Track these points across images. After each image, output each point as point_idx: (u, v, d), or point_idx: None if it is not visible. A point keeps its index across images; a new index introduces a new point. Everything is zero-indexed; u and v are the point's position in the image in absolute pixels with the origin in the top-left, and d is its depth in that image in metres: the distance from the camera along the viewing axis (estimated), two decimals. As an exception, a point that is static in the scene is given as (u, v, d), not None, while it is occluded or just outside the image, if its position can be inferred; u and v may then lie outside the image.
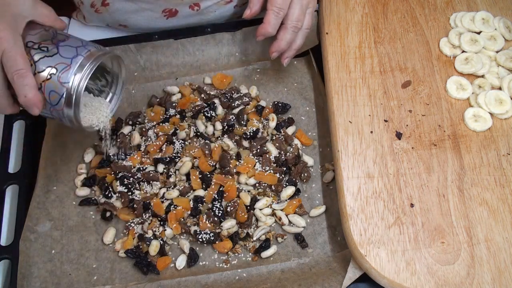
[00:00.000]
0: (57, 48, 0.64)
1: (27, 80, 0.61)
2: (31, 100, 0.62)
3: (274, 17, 0.75)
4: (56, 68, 0.63)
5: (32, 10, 0.64)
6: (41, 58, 0.63)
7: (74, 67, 0.63)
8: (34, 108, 0.63)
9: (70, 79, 0.63)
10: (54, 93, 0.63)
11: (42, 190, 0.79)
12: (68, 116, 0.65)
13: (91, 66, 0.64)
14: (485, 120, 0.75)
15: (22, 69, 0.61)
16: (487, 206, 0.69)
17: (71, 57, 0.64)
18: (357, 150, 0.73)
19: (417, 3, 0.88)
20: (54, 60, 0.63)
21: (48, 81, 0.63)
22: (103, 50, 0.67)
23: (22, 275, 0.72)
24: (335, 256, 0.72)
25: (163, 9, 0.90)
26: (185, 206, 0.76)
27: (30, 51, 0.63)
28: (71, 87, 0.63)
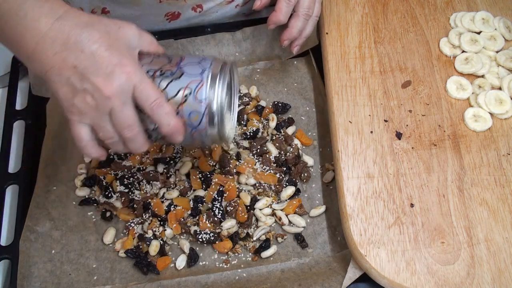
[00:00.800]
0: (180, 68, 0.60)
1: (166, 108, 0.57)
2: (175, 127, 0.58)
3: (285, 5, 0.76)
4: (189, 88, 0.59)
5: (139, 40, 0.60)
6: (169, 83, 0.59)
7: (207, 82, 0.59)
8: (178, 135, 0.59)
9: (207, 94, 0.59)
10: (194, 113, 0.59)
11: (42, 190, 0.79)
12: (212, 135, 0.61)
13: (222, 76, 0.60)
14: (485, 120, 0.75)
15: (157, 99, 0.57)
16: (487, 206, 0.69)
17: (199, 73, 0.60)
18: (357, 150, 0.73)
19: (417, 3, 0.88)
20: (183, 81, 0.59)
21: (184, 104, 0.59)
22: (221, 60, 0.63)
23: (22, 275, 0.72)
24: (335, 256, 0.72)
25: (166, 13, 0.90)
26: (185, 206, 0.76)
27: (155, 80, 0.59)
28: (212, 102, 0.59)
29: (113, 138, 0.59)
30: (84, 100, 0.55)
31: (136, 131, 0.58)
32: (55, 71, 0.55)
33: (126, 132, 0.58)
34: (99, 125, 0.57)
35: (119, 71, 0.55)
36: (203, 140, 0.62)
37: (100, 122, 0.57)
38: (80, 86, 0.55)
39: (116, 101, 0.55)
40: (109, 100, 0.55)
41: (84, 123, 0.57)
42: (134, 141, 0.59)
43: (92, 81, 0.54)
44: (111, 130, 0.58)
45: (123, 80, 0.55)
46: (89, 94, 0.55)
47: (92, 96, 0.55)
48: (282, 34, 0.80)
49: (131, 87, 0.56)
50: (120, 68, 0.55)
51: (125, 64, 0.55)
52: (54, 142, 0.83)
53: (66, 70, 0.54)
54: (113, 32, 0.57)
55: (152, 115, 0.57)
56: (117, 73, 0.55)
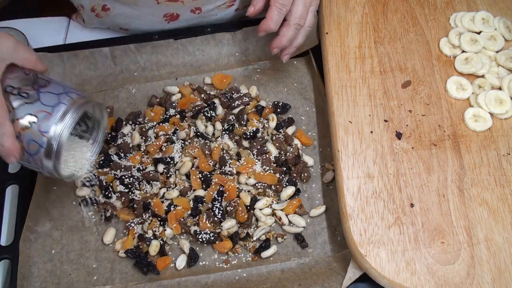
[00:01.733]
0: (38, 94, 0.60)
1: (5, 128, 0.58)
2: (8, 150, 0.58)
3: (277, 13, 0.75)
4: (36, 116, 0.59)
5: (13, 53, 0.60)
6: (20, 104, 0.59)
7: (56, 116, 0.59)
8: (11, 158, 0.59)
9: (51, 129, 0.59)
10: (33, 142, 0.59)
11: (42, 190, 0.79)
12: (47, 168, 0.61)
13: (73, 115, 0.60)
14: (485, 120, 0.75)
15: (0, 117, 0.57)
16: (487, 206, 0.69)
17: (52, 105, 0.60)
18: (357, 150, 0.73)
19: (417, 3, 0.88)
20: (35, 107, 0.59)
21: (27, 130, 0.59)
22: (86, 98, 0.63)
23: (22, 275, 0.72)
24: (335, 256, 0.72)
25: (165, 14, 0.90)
26: (185, 206, 0.76)
27: (9, 96, 0.59)
28: (52, 138, 0.59)
29: None
30: None
31: None
32: None
33: None
34: None
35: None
36: (39, 169, 0.62)
37: None
38: None
39: None
40: None
41: None
42: None
43: None
44: None
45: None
46: None
47: None
48: (272, 41, 0.79)
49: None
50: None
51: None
52: (54, 142, 0.83)
53: None
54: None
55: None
56: None
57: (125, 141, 0.82)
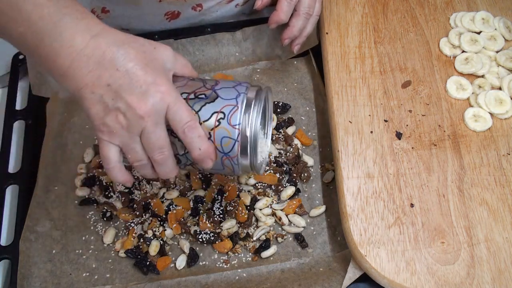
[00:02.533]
0: (215, 92, 0.58)
1: (199, 131, 0.55)
2: (206, 152, 0.56)
3: (287, 4, 0.76)
4: (223, 112, 0.57)
5: (174, 62, 0.59)
6: (202, 106, 0.57)
7: (242, 107, 0.57)
8: (208, 161, 0.57)
9: (241, 119, 0.57)
10: (226, 139, 0.57)
11: (42, 190, 0.79)
12: (243, 162, 0.59)
13: (257, 101, 0.58)
14: (485, 120, 0.75)
15: (190, 121, 0.55)
16: (487, 206, 0.69)
17: (234, 97, 0.58)
18: (357, 150, 0.73)
19: (417, 3, 0.88)
20: (218, 104, 0.57)
21: (217, 128, 0.57)
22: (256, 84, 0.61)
23: (22, 275, 0.72)
24: (335, 256, 0.72)
25: (166, 12, 0.90)
26: (185, 206, 0.76)
27: (188, 101, 0.57)
28: (246, 128, 0.57)
29: (142, 161, 0.57)
30: (116, 119, 0.54)
31: (167, 154, 0.56)
32: (89, 89, 0.53)
33: (157, 155, 0.56)
34: (128, 146, 0.55)
35: (154, 90, 0.53)
36: (234, 168, 0.60)
37: (130, 143, 0.55)
38: (113, 104, 0.53)
39: (149, 121, 0.53)
40: (142, 119, 0.53)
41: (113, 143, 0.55)
42: (164, 165, 0.57)
43: (126, 99, 0.53)
44: (141, 152, 0.56)
45: (157, 100, 0.53)
46: (121, 113, 0.53)
47: (124, 115, 0.53)
48: (283, 33, 0.80)
49: (164, 107, 0.54)
50: (155, 87, 0.53)
51: (159, 84, 0.54)
52: (54, 142, 0.83)
53: (99, 88, 0.53)
54: (148, 52, 0.55)
55: (183, 138, 0.55)
56: (152, 92, 0.53)
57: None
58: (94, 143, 0.84)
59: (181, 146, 0.58)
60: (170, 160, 0.57)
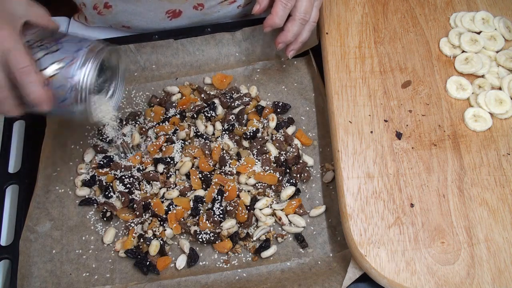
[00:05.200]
0: (59, 44, 0.63)
1: (33, 77, 0.60)
2: (40, 97, 0.60)
3: (282, 8, 0.76)
4: (61, 62, 0.62)
5: (27, 10, 0.63)
6: (44, 55, 0.62)
7: (80, 60, 0.62)
8: (43, 105, 0.61)
9: (76, 72, 0.62)
10: (61, 88, 0.62)
11: (42, 190, 0.79)
12: (78, 110, 0.64)
13: (96, 57, 0.63)
14: (485, 120, 0.75)
15: (26, 66, 0.59)
16: (487, 206, 0.69)
17: (74, 50, 0.63)
18: (357, 150, 0.73)
19: (417, 3, 0.88)
20: (58, 55, 0.62)
21: (54, 76, 0.62)
22: (103, 43, 0.66)
23: (22, 275, 0.72)
24: (335, 256, 0.72)
25: (167, 10, 0.90)
26: (185, 206, 0.76)
27: (31, 49, 0.62)
28: (79, 80, 0.62)
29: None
30: None
31: (4, 94, 0.60)
32: None
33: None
34: None
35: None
36: (71, 114, 0.65)
37: None
38: None
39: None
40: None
41: None
42: (3, 104, 0.60)
43: None
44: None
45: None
46: None
47: None
48: (277, 37, 0.79)
49: (3, 51, 0.58)
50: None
51: (2, 29, 0.58)
52: (54, 142, 0.83)
53: None
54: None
55: (18, 82, 0.59)
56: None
57: (125, 141, 0.82)
58: (94, 143, 0.84)
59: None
60: (10, 100, 0.60)
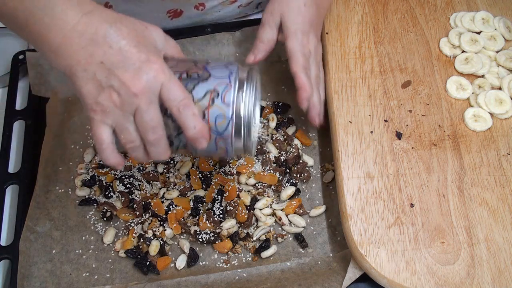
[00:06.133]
0: (207, 71, 0.57)
1: (193, 109, 0.54)
2: (201, 131, 0.55)
3: (305, 76, 0.73)
4: (216, 90, 0.56)
5: (164, 43, 0.58)
6: (195, 85, 0.56)
7: (235, 85, 0.56)
8: (202, 141, 0.56)
9: (235, 97, 0.56)
10: (220, 117, 0.56)
11: (42, 190, 0.79)
12: (237, 142, 0.57)
13: (250, 79, 0.58)
14: (485, 120, 0.75)
15: (185, 99, 0.54)
16: (487, 206, 0.69)
17: (226, 75, 0.57)
18: (357, 150, 0.73)
19: (417, 3, 0.88)
20: (210, 83, 0.56)
21: (211, 106, 0.55)
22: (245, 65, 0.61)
23: (22, 275, 0.72)
24: (335, 256, 0.72)
25: (168, 10, 0.90)
26: (185, 206, 0.76)
27: (181, 81, 0.56)
28: (240, 106, 0.56)
29: (134, 142, 0.56)
30: (110, 97, 0.53)
31: (160, 134, 0.55)
32: (81, 66, 0.52)
33: (150, 135, 0.55)
34: (122, 126, 0.54)
35: (147, 67, 0.53)
36: (227, 149, 0.59)
37: (123, 122, 0.54)
38: (106, 82, 0.52)
39: (143, 99, 0.53)
40: (135, 97, 0.52)
41: (106, 123, 0.54)
42: (156, 146, 0.56)
43: (119, 77, 0.52)
44: (134, 132, 0.55)
45: (151, 77, 0.53)
46: (115, 91, 0.52)
47: (118, 93, 0.52)
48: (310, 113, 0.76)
49: (158, 85, 0.53)
50: (149, 65, 0.53)
51: (153, 61, 0.53)
52: (54, 142, 0.83)
53: (93, 65, 0.52)
54: (140, 30, 0.55)
55: (178, 116, 0.54)
56: (145, 69, 0.53)
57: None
58: (94, 143, 0.84)
59: (175, 127, 0.57)
60: (163, 141, 0.56)
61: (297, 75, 0.73)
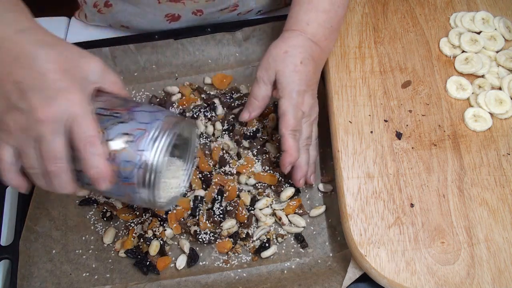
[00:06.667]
0: (131, 114, 0.55)
1: (98, 149, 0.52)
2: (102, 172, 0.53)
3: (293, 141, 0.71)
4: (132, 135, 0.54)
5: (101, 77, 0.56)
6: (112, 124, 0.54)
7: (153, 133, 0.54)
8: (103, 182, 0.53)
9: (148, 146, 0.53)
10: (128, 163, 0.53)
11: (42, 190, 0.79)
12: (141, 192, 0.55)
13: (171, 131, 0.55)
14: (485, 120, 0.75)
15: (93, 136, 0.52)
16: (487, 206, 0.69)
17: (147, 122, 0.55)
18: (357, 150, 0.73)
19: (417, 3, 0.88)
20: (128, 126, 0.54)
21: (122, 150, 0.54)
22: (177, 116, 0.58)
23: (22, 275, 0.72)
24: (335, 256, 0.72)
25: (166, 14, 0.90)
26: (185, 206, 0.76)
27: (100, 118, 0.54)
28: (149, 155, 0.53)
29: (35, 169, 0.53)
30: (15, 118, 0.51)
31: (62, 167, 0.53)
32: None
33: (51, 165, 0.52)
34: (23, 150, 0.52)
35: (62, 97, 0.51)
36: (133, 197, 0.56)
37: (25, 146, 0.52)
38: (16, 103, 0.51)
39: (48, 128, 0.51)
40: (40, 124, 0.50)
41: (8, 143, 0.53)
42: (58, 178, 0.53)
43: (30, 100, 0.50)
44: (35, 159, 0.52)
45: (62, 107, 0.51)
46: (22, 113, 0.51)
47: (24, 116, 0.51)
48: (293, 175, 0.74)
49: (69, 117, 0.51)
50: (65, 94, 0.51)
51: (72, 92, 0.51)
52: (54, 142, 0.83)
53: (9, 84, 0.51)
54: (72, 59, 0.53)
55: (81, 153, 0.52)
56: (59, 98, 0.51)
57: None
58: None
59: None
60: (66, 174, 0.53)
61: (284, 138, 0.71)
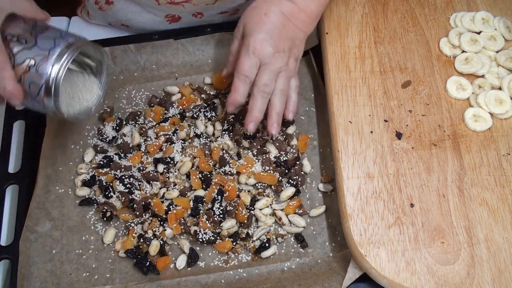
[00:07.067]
0: (35, 39, 0.64)
1: (5, 73, 0.62)
2: (10, 93, 0.63)
3: (241, 84, 0.72)
4: (34, 59, 0.64)
5: (12, 3, 0.64)
6: (19, 50, 0.64)
7: (52, 58, 0.64)
8: (14, 100, 0.64)
9: (48, 69, 0.63)
10: (33, 84, 0.64)
11: (42, 190, 0.79)
12: (49, 106, 0.65)
13: (69, 56, 0.64)
14: (485, 120, 0.75)
15: (1, 62, 0.62)
16: (487, 206, 0.69)
17: (49, 48, 0.64)
18: (357, 150, 0.73)
19: (417, 3, 0.88)
20: (33, 51, 0.64)
21: (27, 73, 0.64)
22: (82, 41, 0.67)
23: (22, 275, 0.72)
24: (335, 256, 0.72)
25: (166, 14, 0.90)
26: (185, 206, 0.76)
27: (10, 43, 0.64)
28: (50, 78, 0.63)
29: None
30: None
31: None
32: None
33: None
34: None
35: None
36: (45, 110, 0.66)
37: None
38: None
39: None
40: None
41: None
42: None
43: None
44: None
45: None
46: None
47: None
48: (245, 119, 0.74)
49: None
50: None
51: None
52: (54, 142, 0.83)
53: None
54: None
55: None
56: None
57: (125, 141, 0.82)
58: (94, 143, 0.84)
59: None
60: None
61: (234, 80, 0.73)
